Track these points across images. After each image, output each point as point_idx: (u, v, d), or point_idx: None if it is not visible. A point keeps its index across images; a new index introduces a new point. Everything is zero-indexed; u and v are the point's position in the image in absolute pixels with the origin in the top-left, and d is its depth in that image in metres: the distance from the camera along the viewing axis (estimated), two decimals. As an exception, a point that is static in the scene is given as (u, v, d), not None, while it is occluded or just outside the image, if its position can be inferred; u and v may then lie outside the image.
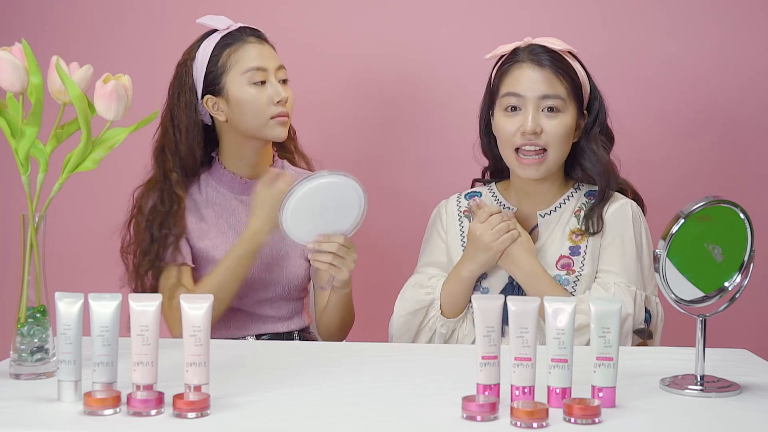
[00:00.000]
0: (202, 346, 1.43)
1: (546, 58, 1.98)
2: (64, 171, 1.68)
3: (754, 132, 2.59)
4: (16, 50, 1.65)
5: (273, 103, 2.06)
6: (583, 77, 2.02)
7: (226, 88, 2.07)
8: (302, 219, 1.87)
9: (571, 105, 1.98)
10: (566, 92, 1.97)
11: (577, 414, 1.33)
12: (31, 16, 2.71)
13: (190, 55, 2.11)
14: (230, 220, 2.13)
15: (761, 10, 2.56)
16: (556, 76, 1.97)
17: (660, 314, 2.00)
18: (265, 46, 2.11)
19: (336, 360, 1.76)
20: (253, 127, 2.07)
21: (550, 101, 1.96)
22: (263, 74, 2.06)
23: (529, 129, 1.95)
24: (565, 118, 1.97)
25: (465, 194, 2.16)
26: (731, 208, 1.53)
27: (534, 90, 1.96)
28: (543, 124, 1.96)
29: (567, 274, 2.00)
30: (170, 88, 2.13)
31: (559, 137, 1.97)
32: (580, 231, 2.01)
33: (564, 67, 1.98)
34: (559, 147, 1.98)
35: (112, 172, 2.41)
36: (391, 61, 2.65)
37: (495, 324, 1.43)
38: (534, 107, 1.96)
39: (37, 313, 1.63)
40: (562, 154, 2.00)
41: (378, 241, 2.66)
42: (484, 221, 1.98)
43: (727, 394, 1.50)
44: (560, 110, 1.97)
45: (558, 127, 1.96)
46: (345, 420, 1.37)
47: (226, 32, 2.09)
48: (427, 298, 2.05)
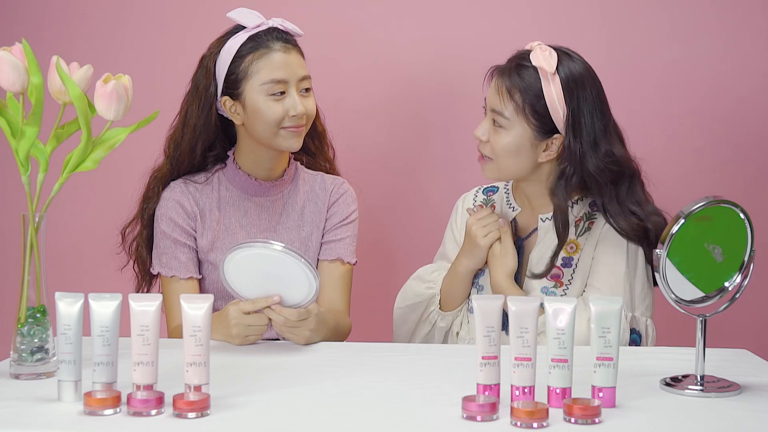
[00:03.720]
0: (202, 346, 1.43)
1: (513, 73, 1.94)
2: (64, 171, 1.68)
3: (755, 132, 2.59)
4: (16, 50, 1.65)
5: (288, 116, 2.02)
6: (553, 100, 1.92)
7: (244, 95, 2.03)
8: (245, 276, 1.79)
9: (519, 122, 1.93)
10: (513, 111, 1.93)
11: (577, 414, 1.33)
12: (31, 16, 2.71)
13: (215, 49, 2.06)
14: (242, 220, 2.11)
15: (762, 11, 2.56)
16: (508, 93, 1.94)
17: (651, 336, 1.96)
18: (291, 54, 2.04)
19: (336, 360, 1.76)
20: (266, 137, 2.04)
21: (496, 116, 1.95)
22: (283, 86, 2.01)
23: (476, 136, 1.99)
24: (508, 136, 1.94)
25: (483, 189, 2.17)
26: (731, 208, 1.53)
27: (490, 101, 1.98)
28: (491, 135, 1.97)
29: (555, 287, 1.98)
30: (192, 80, 2.09)
31: (500, 151, 1.95)
32: (576, 242, 2.00)
33: (525, 85, 1.93)
34: (503, 160, 1.96)
35: (112, 172, 2.41)
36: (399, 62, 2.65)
37: (495, 324, 1.43)
38: (489, 116, 1.98)
39: (37, 313, 1.63)
40: (511, 167, 1.97)
41: (379, 240, 2.66)
42: (481, 218, 2.01)
43: (727, 394, 1.50)
44: (503, 127, 1.95)
45: (497, 143, 1.95)
46: (345, 420, 1.37)
47: (253, 32, 2.03)
48: (427, 292, 2.07)
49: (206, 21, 2.16)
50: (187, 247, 2.07)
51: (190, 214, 2.08)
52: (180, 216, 2.07)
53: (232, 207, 2.11)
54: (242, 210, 2.11)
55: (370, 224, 2.45)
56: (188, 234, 2.07)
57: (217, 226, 2.09)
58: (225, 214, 2.10)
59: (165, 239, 2.06)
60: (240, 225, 2.10)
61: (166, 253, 2.06)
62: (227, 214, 2.10)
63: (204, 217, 2.09)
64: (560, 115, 1.92)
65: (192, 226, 2.08)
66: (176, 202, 2.07)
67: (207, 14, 2.63)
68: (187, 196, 2.08)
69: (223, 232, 2.09)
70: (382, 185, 2.65)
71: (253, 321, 1.80)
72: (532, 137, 1.94)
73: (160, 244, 2.07)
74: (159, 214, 2.08)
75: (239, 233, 2.09)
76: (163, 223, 2.07)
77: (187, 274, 2.05)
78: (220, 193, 2.11)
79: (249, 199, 2.12)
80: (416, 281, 2.10)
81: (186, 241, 2.07)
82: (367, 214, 2.37)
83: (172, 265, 2.05)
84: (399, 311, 2.10)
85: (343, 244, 2.13)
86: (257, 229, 2.10)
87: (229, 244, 2.07)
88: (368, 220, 2.43)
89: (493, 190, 2.15)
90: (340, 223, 2.14)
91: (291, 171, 2.15)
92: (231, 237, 2.09)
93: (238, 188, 2.11)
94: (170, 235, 2.06)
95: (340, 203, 2.15)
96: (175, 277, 2.05)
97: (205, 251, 2.08)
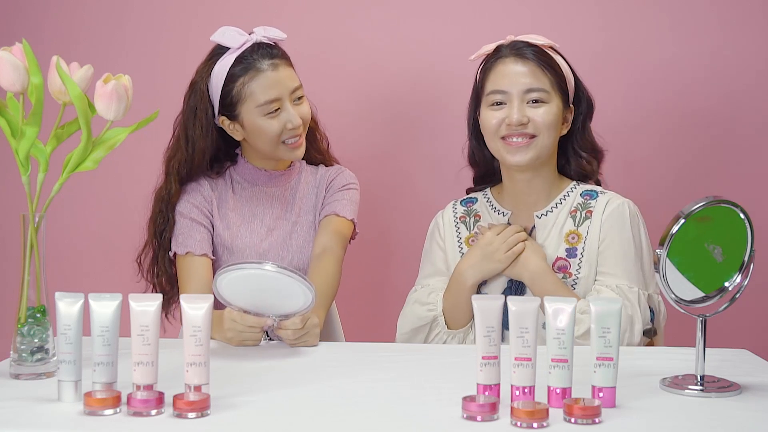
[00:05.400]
0: (202, 346, 1.43)
1: (529, 51, 2.00)
2: (64, 171, 1.68)
3: (754, 132, 2.59)
4: (16, 50, 1.65)
5: (287, 129, 2.07)
6: (566, 71, 2.04)
7: (241, 116, 2.07)
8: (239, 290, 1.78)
9: (555, 97, 2.00)
10: (550, 84, 1.99)
11: (577, 414, 1.33)
12: (31, 16, 2.71)
13: (205, 74, 2.09)
14: (256, 210, 2.15)
15: (761, 10, 2.56)
16: (539, 68, 1.99)
17: (663, 312, 2.00)
18: (280, 69, 2.06)
19: (336, 360, 1.76)
20: (268, 151, 2.10)
21: (535, 94, 1.98)
22: (277, 104, 2.05)
23: (515, 120, 1.97)
24: (551, 107, 1.99)
25: (461, 201, 2.16)
26: (731, 208, 1.53)
27: (518, 84, 1.98)
28: (529, 114, 1.98)
29: (564, 277, 1.99)
30: (185, 102, 2.12)
31: (547, 124, 1.98)
32: (577, 232, 2.01)
33: (547, 60, 2.00)
34: (547, 133, 1.99)
35: (112, 172, 2.41)
36: (395, 60, 2.65)
37: (495, 324, 1.44)
38: (519, 100, 1.98)
39: (37, 313, 1.63)
40: (550, 142, 2.00)
41: (380, 240, 2.66)
42: (500, 233, 2.00)
43: (727, 394, 1.50)
44: (545, 101, 1.99)
45: (545, 115, 1.98)
46: (345, 420, 1.37)
47: (239, 53, 2.06)
48: (429, 314, 2.04)
49: (206, 21, 2.16)
50: (203, 226, 2.10)
51: (206, 198, 2.13)
52: (197, 198, 2.12)
53: (245, 197, 2.17)
54: (255, 200, 2.17)
55: (368, 224, 2.45)
56: (205, 215, 2.12)
57: (231, 213, 2.14)
58: (239, 204, 2.16)
59: (182, 219, 2.10)
60: (253, 214, 2.15)
61: (182, 233, 2.09)
62: (241, 203, 2.16)
63: (220, 203, 2.14)
64: (572, 86, 2.04)
65: (209, 209, 2.12)
66: (193, 188, 2.13)
67: (207, 14, 2.63)
68: (204, 184, 2.14)
69: (238, 219, 2.14)
70: (380, 185, 2.65)
71: (246, 329, 1.83)
72: (563, 109, 2.02)
73: (176, 226, 2.10)
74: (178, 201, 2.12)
75: (253, 222, 2.14)
76: (181, 205, 2.11)
77: (201, 251, 2.07)
78: (233, 185, 2.17)
79: (260, 189, 2.17)
80: (416, 305, 2.06)
81: (202, 221, 2.11)
82: (365, 214, 2.37)
83: (188, 243, 2.08)
84: (404, 337, 2.06)
85: (339, 204, 2.16)
86: (270, 217, 2.15)
87: (243, 233, 2.12)
88: (367, 221, 2.43)
89: (472, 201, 2.14)
90: (337, 190, 2.19)
91: (296, 162, 2.21)
92: (246, 225, 2.14)
93: (248, 181, 2.17)
94: (187, 215, 2.10)
95: (337, 179, 2.21)
96: (189, 254, 2.07)
97: (221, 236, 2.11)
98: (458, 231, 2.11)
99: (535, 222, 2.04)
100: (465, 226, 2.11)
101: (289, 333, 1.82)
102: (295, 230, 2.15)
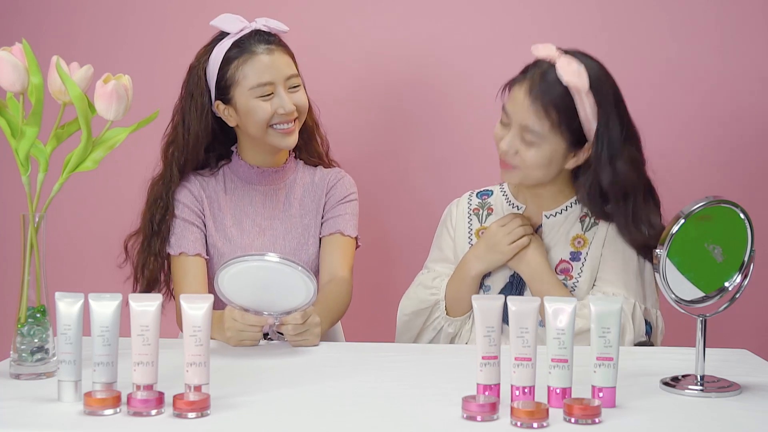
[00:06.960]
0: (202, 346, 1.43)
1: (543, 88, 1.90)
2: (64, 171, 1.68)
3: (755, 132, 2.59)
4: (16, 50, 1.65)
5: (277, 114, 2.06)
6: (588, 114, 1.91)
7: (235, 99, 2.07)
8: (241, 287, 1.79)
9: (554, 138, 1.91)
10: (549, 126, 1.90)
11: (577, 414, 1.33)
12: (31, 16, 2.71)
13: (203, 58, 2.10)
14: (247, 209, 2.15)
15: (761, 11, 2.56)
16: (544, 109, 1.89)
17: (660, 327, 1.98)
18: (275, 54, 2.07)
19: (336, 360, 1.76)
20: (259, 136, 2.09)
21: (528, 135, 1.91)
22: (271, 87, 2.05)
23: (502, 149, 1.95)
24: (542, 150, 1.92)
25: (477, 192, 2.17)
26: (731, 208, 1.53)
27: (519, 116, 1.92)
28: (520, 149, 1.93)
29: (565, 279, 2.00)
30: (183, 88, 2.13)
31: (533, 165, 1.93)
32: (583, 237, 2.01)
33: (562, 102, 1.90)
34: (532, 170, 1.94)
35: (112, 172, 2.41)
36: (398, 60, 2.65)
37: (495, 324, 1.44)
38: (516, 129, 1.93)
39: (37, 313, 1.63)
40: (540, 176, 1.96)
41: (381, 240, 2.65)
42: (504, 224, 2.00)
43: (727, 394, 1.50)
44: (536, 144, 1.92)
45: (533, 157, 1.92)
46: (345, 420, 1.37)
47: (237, 37, 2.07)
48: (431, 298, 2.06)
49: (206, 21, 2.15)
50: (195, 226, 2.10)
51: (197, 198, 2.12)
52: (188, 198, 2.11)
53: (237, 196, 2.16)
54: (247, 199, 2.15)
55: (368, 224, 2.44)
56: (197, 215, 2.11)
57: (222, 214, 2.13)
58: (230, 203, 2.15)
59: (174, 219, 2.09)
60: (245, 213, 2.14)
61: (175, 234, 2.09)
62: (232, 203, 2.15)
63: (211, 203, 2.13)
64: (593, 127, 1.92)
65: (200, 208, 2.12)
66: (184, 187, 2.12)
67: (207, 14, 2.62)
68: (195, 184, 2.13)
69: (229, 219, 2.13)
70: (379, 185, 2.65)
71: (247, 327, 1.82)
72: (565, 150, 1.94)
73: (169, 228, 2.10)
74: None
75: (244, 221, 2.13)
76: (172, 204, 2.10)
77: (195, 251, 2.07)
78: (225, 184, 2.16)
79: (253, 188, 2.16)
80: (420, 288, 2.09)
81: (195, 221, 2.10)
82: (365, 214, 2.36)
83: (181, 243, 2.07)
84: (404, 318, 2.09)
85: (342, 220, 2.16)
86: (261, 216, 2.14)
87: (234, 232, 2.11)
88: (367, 221, 2.43)
89: (487, 194, 2.15)
90: (338, 202, 2.18)
91: (291, 161, 2.20)
92: (237, 225, 2.13)
93: (242, 179, 2.16)
94: (179, 215, 2.10)
95: (338, 186, 2.19)
96: (183, 254, 2.07)
97: (213, 236, 2.11)
98: (470, 222, 2.12)
99: (543, 221, 2.04)
100: (477, 218, 2.12)
101: (290, 328, 1.82)
102: (290, 232, 2.15)
